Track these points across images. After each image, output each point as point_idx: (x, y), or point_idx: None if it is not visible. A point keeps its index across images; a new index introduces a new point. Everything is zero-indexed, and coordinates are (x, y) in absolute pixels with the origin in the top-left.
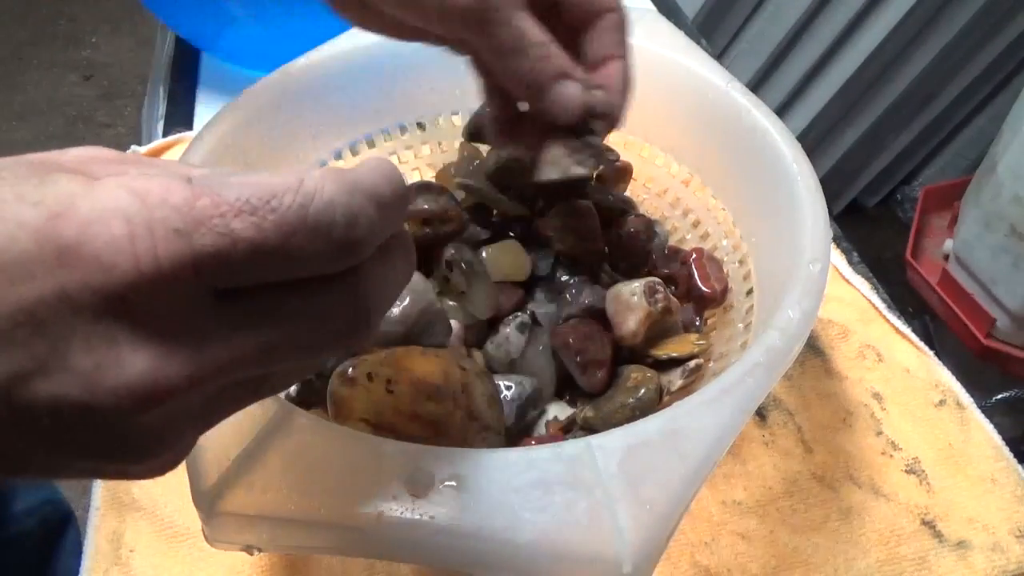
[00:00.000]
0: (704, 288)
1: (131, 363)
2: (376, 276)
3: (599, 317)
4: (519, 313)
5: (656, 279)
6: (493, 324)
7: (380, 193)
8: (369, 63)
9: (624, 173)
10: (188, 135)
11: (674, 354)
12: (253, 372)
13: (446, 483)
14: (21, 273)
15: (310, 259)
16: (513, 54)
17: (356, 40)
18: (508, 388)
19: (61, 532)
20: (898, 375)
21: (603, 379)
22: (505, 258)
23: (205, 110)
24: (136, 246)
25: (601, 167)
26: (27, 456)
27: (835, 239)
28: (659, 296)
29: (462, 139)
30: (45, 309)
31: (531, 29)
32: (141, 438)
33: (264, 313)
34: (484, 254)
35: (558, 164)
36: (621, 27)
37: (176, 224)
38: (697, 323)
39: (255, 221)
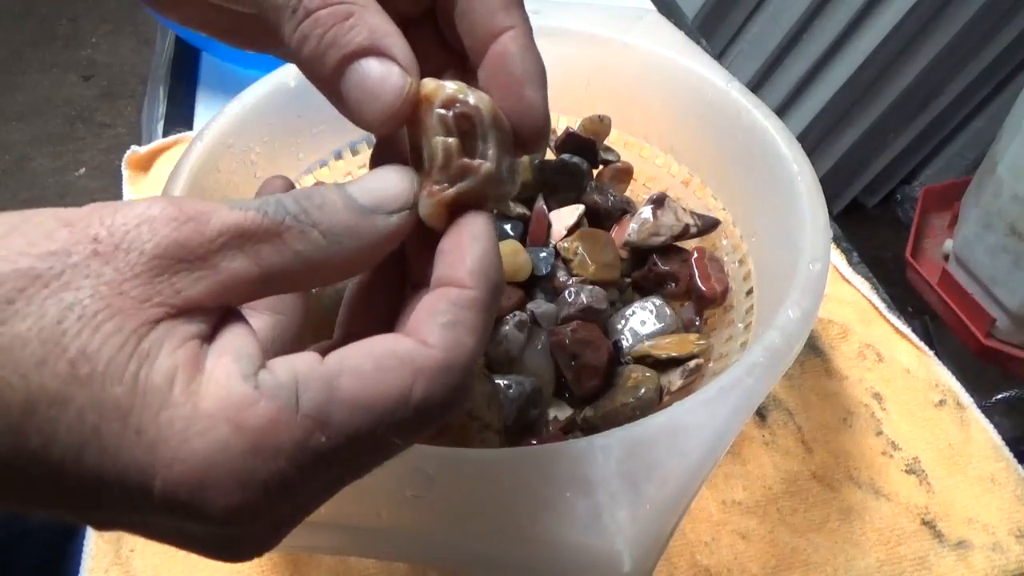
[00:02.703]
0: (704, 288)
1: (233, 560)
2: None
3: (597, 319)
4: (518, 312)
5: None
6: (493, 324)
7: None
8: None
9: (624, 173)
10: (188, 135)
11: (674, 354)
12: None
13: (446, 483)
14: (132, 507)
15: (407, 442)
16: (276, 11)
17: None
18: (508, 388)
19: (78, 524)
20: (898, 375)
21: (596, 385)
22: (505, 258)
23: (205, 110)
24: (253, 508)
25: None
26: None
27: (835, 239)
28: None
29: None
30: (159, 525)
31: None
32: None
33: (354, 474)
34: None
35: None
36: None
37: (291, 478)
38: (697, 323)
39: (364, 448)
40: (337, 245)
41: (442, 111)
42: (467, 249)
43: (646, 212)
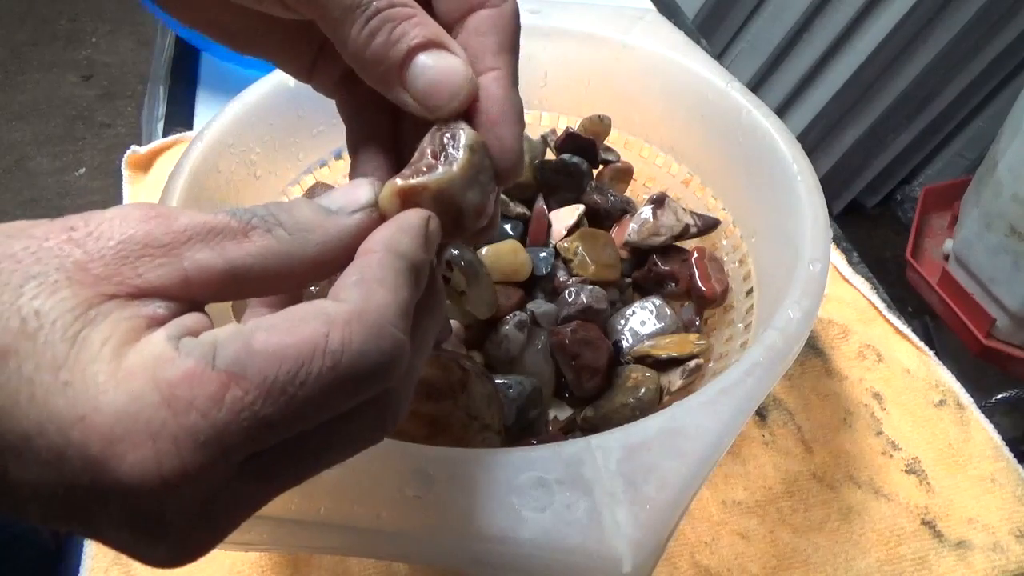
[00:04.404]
0: (704, 288)
1: (160, 551)
2: (406, 377)
3: (597, 319)
4: (518, 312)
5: None
6: (493, 324)
7: (408, 300)
8: None
9: (624, 173)
10: (188, 135)
11: (674, 354)
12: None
13: (446, 483)
14: (52, 466)
15: (341, 408)
16: (345, 12)
17: None
18: (508, 388)
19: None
20: (898, 375)
21: (596, 385)
22: (505, 258)
23: (205, 110)
24: (162, 466)
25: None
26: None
27: (835, 239)
28: None
29: None
30: (78, 496)
31: None
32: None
33: (294, 458)
34: (484, 254)
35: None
36: (500, 27)
37: (205, 434)
38: (697, 323)
39: (285, 402)
40: (301, 240)
41: (436, 128)
42: (382, 228)
43: (646, 212)
